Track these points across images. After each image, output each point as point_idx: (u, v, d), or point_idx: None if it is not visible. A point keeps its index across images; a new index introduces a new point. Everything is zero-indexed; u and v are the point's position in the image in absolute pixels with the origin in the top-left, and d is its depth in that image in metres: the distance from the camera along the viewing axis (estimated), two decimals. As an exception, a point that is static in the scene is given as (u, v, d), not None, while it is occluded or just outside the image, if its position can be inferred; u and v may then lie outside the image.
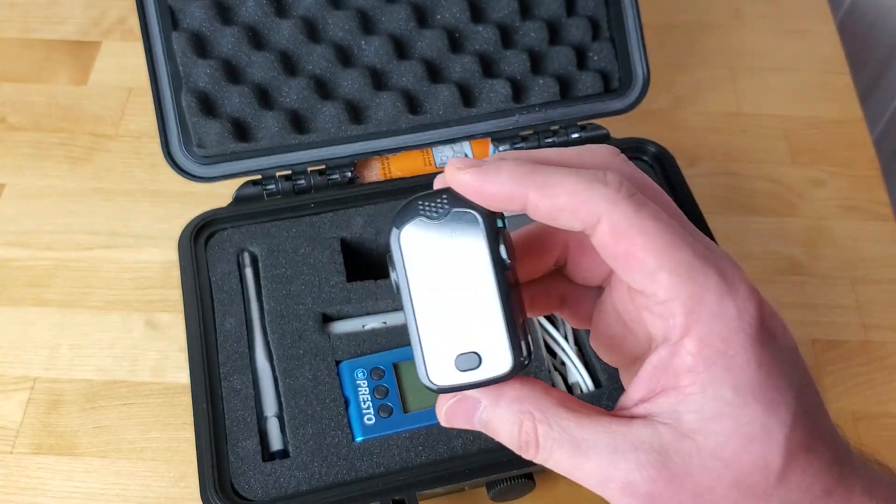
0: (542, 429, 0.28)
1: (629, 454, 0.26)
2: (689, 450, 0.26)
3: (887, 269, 0.64)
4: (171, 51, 0.56)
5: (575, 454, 0.27)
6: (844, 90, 0.75)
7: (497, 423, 0.28)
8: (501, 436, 0.28)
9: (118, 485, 0.52)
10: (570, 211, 0.26)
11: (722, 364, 0.26)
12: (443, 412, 0.29)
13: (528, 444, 0.28)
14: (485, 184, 0.27)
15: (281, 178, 0.58)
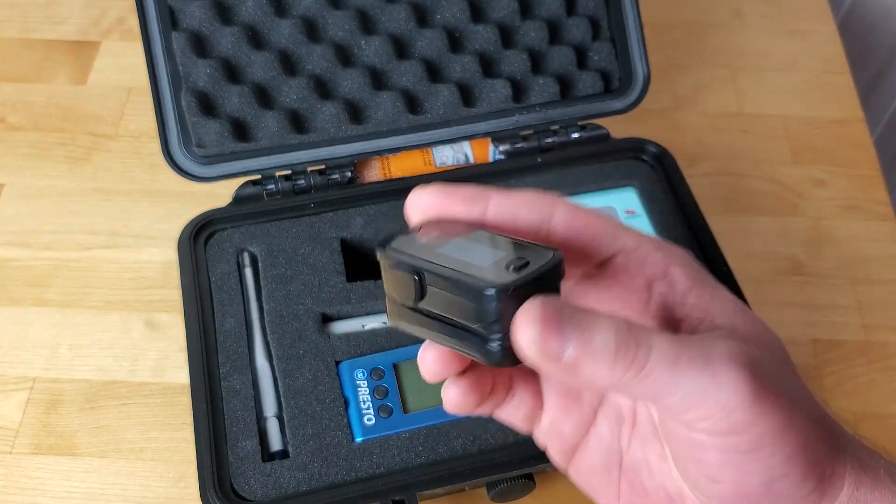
0: (637, 330, 0.26)
1: (718, 341, 0.27)
2: (743, 338, 0.28)
3: (888, 270, 0.63)
4: (170, 51, 0.56)
5: (672, 361, 0.26)
6: (845, 90, 0.74)
7: (594, 324, 0.26)
8: (595, 341, 0.25)
9: (117, 485, 0.52)
10: (527, 205, 0.29)
11: (710, 279, 0.30)
12: (536, 327, 0.25)
13: (628, 349, 0.26)
14: (451, 192, 0.30)
15: (281, 178, 0.58)
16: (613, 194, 0.59)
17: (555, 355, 0.25)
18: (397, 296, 0.29)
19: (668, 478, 0.31)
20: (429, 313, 0.28)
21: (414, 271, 0.28)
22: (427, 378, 0.30)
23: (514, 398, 0.32)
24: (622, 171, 0.60)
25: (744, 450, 0.27)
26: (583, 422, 0.33)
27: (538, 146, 0.61)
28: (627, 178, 0.60)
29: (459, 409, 0.31)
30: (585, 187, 0.59)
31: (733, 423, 0.26)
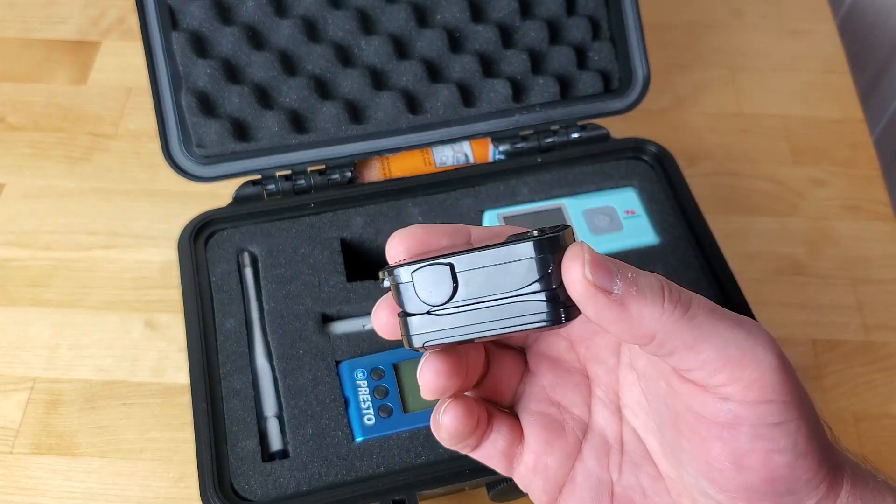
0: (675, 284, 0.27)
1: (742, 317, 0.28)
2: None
3: (888, 269, 0.63)
4: (170, 50, 0.56)
5: (712, 309, 0.27)
6: (845, 90, 0.75)
7: (643, 279, 0.27)
8: (647, 295, 0.26)
9: (117, 485, 0.52)
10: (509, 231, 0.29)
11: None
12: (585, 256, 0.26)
13: (673, 291, 0.27)
14: (432, 228, 0.30)
15: (281, 178, 0.58)
16: (613, 194, 0.59)
17: (604, 288, 0.26)
18: (422, 306, 0.28)
19: (664, 498, 0.31)
20: (463, 308, 0.28)
21: (443, 262, 0.27)
22: (427, 395, 0.30)
23: (492, 433, 0.32)
24: (622, 171, 0.60)
25: (774, 421, 0.27)
26: (567, 454, 0.32)
27: (538, 146, 0.61)
28: (627, 178, 0.60)
29: (456, 434, 0.31)
30: (585, 187, 0.59)
31: (764, 387, 0.26)
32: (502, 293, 0.27)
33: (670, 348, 0.27)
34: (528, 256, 0.26)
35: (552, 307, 0.27)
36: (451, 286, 0.27)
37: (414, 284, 0.28)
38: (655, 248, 0.56)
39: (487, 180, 0.59)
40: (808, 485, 0.28)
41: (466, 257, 0.27)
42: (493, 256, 0.27)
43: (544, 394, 0.33)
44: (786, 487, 0.28)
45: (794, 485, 0.28)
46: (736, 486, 0.28)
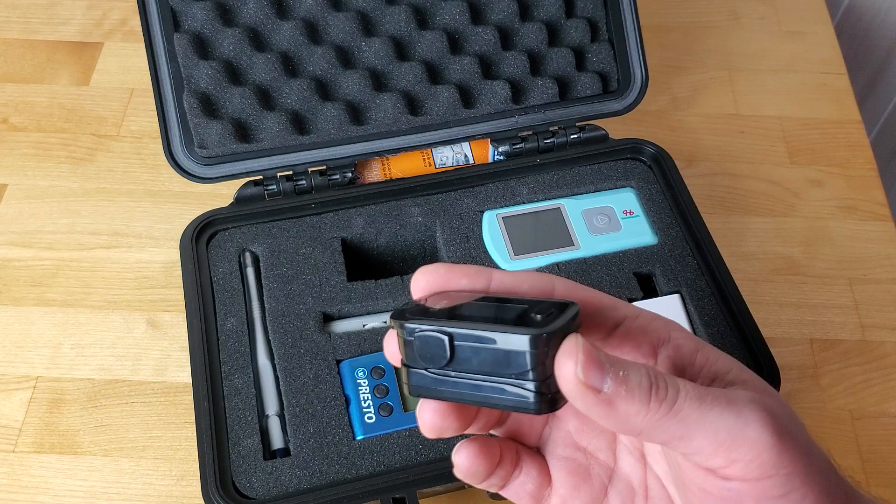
0: (663, 375, 0.28)
1: (735, 390, 0.28)
2: (755, 387, 0.29)
3: (885, 269, 0.64)
4: (172, 52, 0.57)
5: (699, 399, 0.27)
6: (842, 91, 0.75)
7: (627, 364, 0.27)
8: (631, 379, 0.27)
9: (120, 483, 0.53)
10: (530, 281, 0.30)
11: (708, 344, 0.31)
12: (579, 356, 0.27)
13: (660, 388, 0.27)
14: (455, 268, 0.31)
15: (282, 179, 0.59)
16: (612, 195, 0.59)
17: (595, 388, 0.26)
18: (421, 364, 0.29)
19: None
20: (458, 374, 0.28)
21: (442, 332, 0.28)
22: (426, 433, 0.30)
23: (521, 474, 0.32)
24: (620, 171, 0.61)
25: (777, 494, 0.27)
26: (593, 499, 0.33)
27: (537, 147, 0.61)
28: (625, 179, 0.60)
29: (471, 474, 0.31)
30: (584, 188, 0.60)
31: (763, 464, 0.27)
32: (495, 374, 0.28)
33: (661, 440, 0.27)
34: (523, 349, 0.27)
35: (539, 398, 0.27)
36: (446, 356, 0.28)
37: (415, 344, 0.29)
38: (654, 248, 0.56)
39: (487, 181, 0.60)
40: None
41: (467, 331, 0.28)
42: (490, 337, 0.27)
43: (570, 439, 0.33)
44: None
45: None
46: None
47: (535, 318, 0.27)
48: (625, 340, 0.30)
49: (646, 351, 0.30)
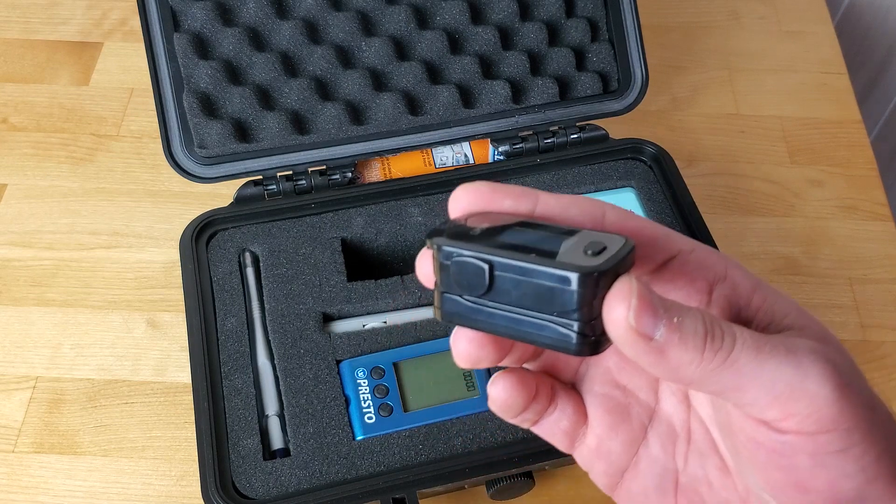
0: (720, 321, 0.25)
1: (795, 338, 0.26)
2: (815, 335, 0.27)
3: (885, 269, 0.64)
4: (172, 52, 0.57)
5: (757, 348, 0.25)
6: (842, 91, 0.75)
7: (682, 308, 0.25)
8: (686, 325, 0.25)
9: (120, 483, 0.53)
10: (579, 206, 0.28)
11: (767, 283, 0.28)
12: (632, 301, 0.24)
13: (716, 336, 0.25)
14: (500, 188, 0.29)
15: (282, 179, 0.59)
16: (612, 195, 0.59)
17: (646, 335, 0.24)
18: (456, 290, 0.27)
19: (731, 492, 0.29)
20: (495, 305, 0.26)
21: (482, 260, 0.26)
22: (461, 363, 0.29)
23: (556, 411, 0.31)
24: (620, 171, 0.61)
25: (836, 449, 0.25)
26: (632, 440, 0.31)
27: (537, 147, 0.61)
28: (626, 179, 0.60)
29: (506, 407, 0.30)
30: (584, 188, 0.60)
31: (822, 419, 0.25)
32: (536, 309, 0.26)
33: (713, 391, 0.26)
34: (571, 287, 0.24)
35: (582, 340, 0.25)
36: (484, 286, 0.26)
37: (451, 269, 0.27)
38: (654, 248, 0.56)
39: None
40: (880, 500, 0.26)
41: (509, 262, 0.25)
42: (535, 270, 0.25)
43: (610, 376, 0.31)
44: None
45: (864, 502, 0.26)
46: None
47: (586, 252, 0.25)
48: (678, 275, 0.28)
49: (700, 287, 0.28)
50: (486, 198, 0.28)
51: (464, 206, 0.29)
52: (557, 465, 0.50)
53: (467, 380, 0.51)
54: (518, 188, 0.28)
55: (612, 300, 0.24)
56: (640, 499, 0.31)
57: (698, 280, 0.28)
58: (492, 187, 0.28)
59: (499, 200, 0.28)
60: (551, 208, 0.28)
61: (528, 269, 0.25)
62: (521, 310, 0.26)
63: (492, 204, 0.28)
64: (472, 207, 0.29)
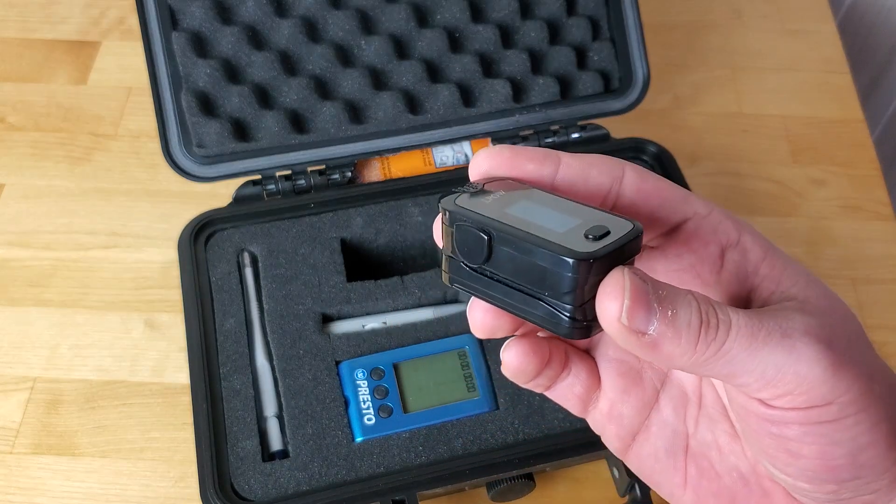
0: (717, 307, 0.25)
1: (793, 314, 0.26)
2: (817, 309, 0.27)
3: (888, 269, 0.64)
4: (170, 51, 0.56)
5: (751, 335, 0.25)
6: (845, 90, 0.75)
7: (677, 299, 0.25)
8: (680, 318, 0.25)
9: (118, 485, 0.52)
10: (598, 166, 0.28)
11: (780, 250, 0.29)
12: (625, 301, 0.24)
13: (710, 327, 0.25)
14: (521, 151, 0.29)
15: (281, 178, 0.58)
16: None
17: (639, 330, 0.24)
18: (458, 255, 0.27)
19: (741, 458, 0.30)
20: (493, 276, 0.27)
21: (483, 230, 0.26)
22: (477, 333, 0.29)
23: (570, 376, 0.31)
24: (622, 171, 0.60)
25: (827, 419, 0.26)
26: (644, 404, 0.31)
27: (538, 146, 0.61)
28: (627, 178, 0.60)
29: (519, 372, 0.30)
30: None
31: (814, 397, 0.25)
32: (530, 286, 0.26)
33: (705, 375, 0.26)
34: (564, 271, 0.24)
35: (572, 324, 0.25)
36: (483, 256, 0.26)
37: (454, 235, 0.27)
38: (655, 248, 0.56)
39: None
40: (874, 470, 0.27)
41: (509, 235, 0.26)
42: (532, 248, 0.25)
43: None
44: (849, 475, 0.27)
45: (858, 472, 0.27)
46: (795, 472, 0.27)
47: (587, 237, 0.25)
48: (693, 237, 0.28)
49: (713, 251, 0.28)
50: (507, 162, 0.28)
51: (484, 171, 0.29)
52: (558, 466, 0.50)
53: (467, 381, 0.51)
54: (540, 151, 0.28)
55: (605, 296, 0.24)
56: (650, 462, 0.31)
57: (711, 244, 0.28)
58: (513, 151, 0.28)
59: (521, 165, 0.28)
60: (573, 169, 0.28)
61: (525, 246, 0.25)
62: (518, 283, 0.26)
63: (513, 168, 0.28)
64: (492, 172, 0.28)
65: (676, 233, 0.29)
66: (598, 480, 0.52)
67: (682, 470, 0.31)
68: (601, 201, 0.28)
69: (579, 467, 0.53)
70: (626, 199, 0.28)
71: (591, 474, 0.53)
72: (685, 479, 0.31)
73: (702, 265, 0.29)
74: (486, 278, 0.27)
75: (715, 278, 0.29)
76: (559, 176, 0.28)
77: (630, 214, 0.27)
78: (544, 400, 0.49)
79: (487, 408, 0.50)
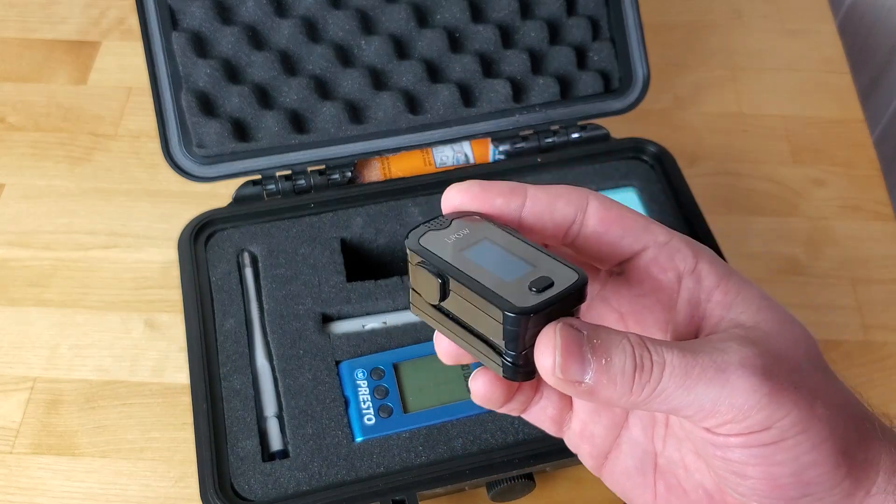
0: (651, 349, 0.27)
1: (732, 346, 0.27)
2: (763, 335, 0.28)
3: (888, 269, 0.63)
4: (170, 51, 0.56)
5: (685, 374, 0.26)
6: (845, 90, 0.74)
7: (611, 346, 0.26)
8: (614, 366, 0.26)
9: (118, 485, 0.52)
10: (564, 197, 0.30)
11: (738, 276, 0.30)
12: (556, 357, 0.26)
13: (644, 370, 0.26)
14: (490, 187, 0.30)
15: (281, 178, 0.58)
16: (613, 194, 0.59)
17: (575, 380, 0.26)
18: (421, 292, 0.29)
19: (705, 475, 0.31)
20: (449, 314, 0.29)
21: (438, 275, 0.28)
22: (443, 360, 0.31)
23: (542, 399, 0.32)
24: (622, 171, 0.60)
25: (767, 442, 0.27)
26: (614, 424, 0.33)
27: (538, 146, 0.61)
28: (627, 179, 0.60)
29: (486, 401, 0.31)
30: (585, 187, 0.59)
31: (751, 424, 0.26)
32: (477, 330, 0.28)
33: (647, 410, 0.28)
34: (503, 324, 0.27)
35: (514, 369, 0.27)
36: (438, 297, 0.29)
37: (414, 273, 0.29)
38: (655, 248, 0.56)
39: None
40: (822, 486, 0.28)
41: (460, 280, 0.28)
42: (478, 298, 0.27)
43: None
44: (796, 492, 0.28)
45: (805, 489, 0.28)
46: (746, 491, 0.28)
47: (530, 289, 0.27)
48: (652, 265, 0.30)
49: (671, 278, 0.30)
50: (477, 197, 0.30)
51: (455, 205, 0.30)
52: (558, 466, 0.50)
53: (467, 381, 0.50)
54: (507, 185, 0.30)
55: (538, 351, 0.26)
56: (622, 479, 0.33)
57: (669, 270, 0.30)
58: (482, 187, 0.30)
59: (490, 199, 0.30)
60: (539, 202, 0.30)
61: (473, 294, 0.27)
62: (469, 325, 0.28)
63: (483, 203, 0.30)
64: (463, 206, 0.30)
65: (637, 259, 0.30)
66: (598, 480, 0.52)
67: (652, 487, 0.32)
68: (566, 231, 0.30)
69: (579, 467, 0.53)
70: (590, 228, 0.30)
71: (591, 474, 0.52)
72: (655, 495, 0.32)
73: (661, 291, 0.30)
74: (444, 316, 0.29)
75: (671, 304, 0.30)
76: (526, 209, 0.30)
77: (594, 243, 0.30)
78: (544, 400, 0.49)
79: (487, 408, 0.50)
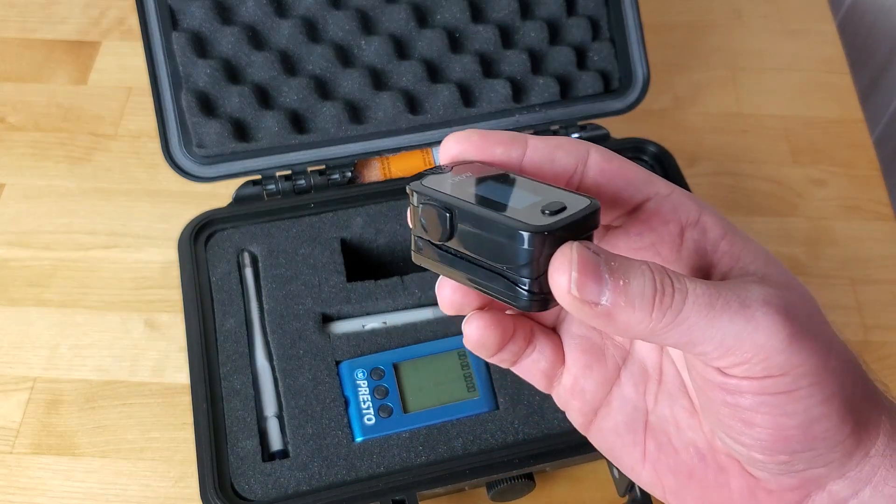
0: (672, 276, 0.26)
1: (752, 286, 0.26)
2: (776, 283, 0.28)
3: (888, 269, 0.63)
4: (170, 51, 0.56)
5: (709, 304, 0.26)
6: (845, 90, 0.74)
7: (630, 269, 0.25)
8: (633, 287, 0.25)
9: (118, 485, 0.52)
10: (564, 148, 0.29)
11: (741, 231, 0.30)
12: (573, 273, 0.25)
13: (665, 295, 0.25)
14: (490, 135, 0.29)
15: (281, 178, 0.58)
16: (613, 194, 0.59)
17: (591, 301, 0.25)
18: (424, 233, 0.28)
19: (698, 434, 0.30)
20: (456, 252, 0.28)
21: (445, 208, 0.27)
22: (445, 309, 0.30)
23: (535, 351, 0.32)
24: (622, 171, 0.60)
25: (781, 390, 0.26)
26: (606, 380, 0.32)
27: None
28: (627, 178, 0.60)
29: (480, 345, 0.30)
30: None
31: (771, 366, 0.26)
32: (490, 261, 0.27)
33: (665, 344, 0.26)
34: (519, 244, 0.25)
35: (530, 296, 0.26)
36: (446, 233, 0.27)
37: (419, 213, 0.28)
38: (655, 248, 0.56)
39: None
40: (827, 443, 0.27)
41: (469, 211, 0.27)
42: (489, 224, 0.26)
43: None
44: (801, 446, 0.27)
45: (811, 444, 0.27)
46: (749, 441, 0.27)
47: (543, 212, 0.26)
48: (654, 216, 0.29)
49: (673, 230, 0.29)
50: (476, 146, 0.29)
51: (454, 154, 0.29)
52: (558, 466, 0.50)
53: (467, 381, 0.51)
54: (508, 135, 0.29)
55: (553, 269, 0.25)
56: (611, 437, 0.32)
57: (671, 222, 0.29)
58: (482, 135, 0.29)
59: (489, 148, 0.29)
60: (539, 152, 0.29)
61: (484, 222, 0.26)
62: (479, 259, 0.27)
63: (482, 152, 0.29)
64: (462, 156, 0.29)
65: (638, 212, 0.29)
66: (598, 480, 0.52)
67: (642, 445, 0.32)
68: (566, 182, 0.29)
69: (579, 467, 0.53)
70: (591, 179, 0.29)
71: (591, 474, 0.53)
72: (644, 453, 0.32)
73: (662, 243, 0.29)
74: (450, 255, 0.28)
75: (675, 256, 0.29)
76: (526, 158, 0.29)
77: (594, 194, 0.29)
78: (544, 400, 0.49)
79: (487, 408, 0.50)
